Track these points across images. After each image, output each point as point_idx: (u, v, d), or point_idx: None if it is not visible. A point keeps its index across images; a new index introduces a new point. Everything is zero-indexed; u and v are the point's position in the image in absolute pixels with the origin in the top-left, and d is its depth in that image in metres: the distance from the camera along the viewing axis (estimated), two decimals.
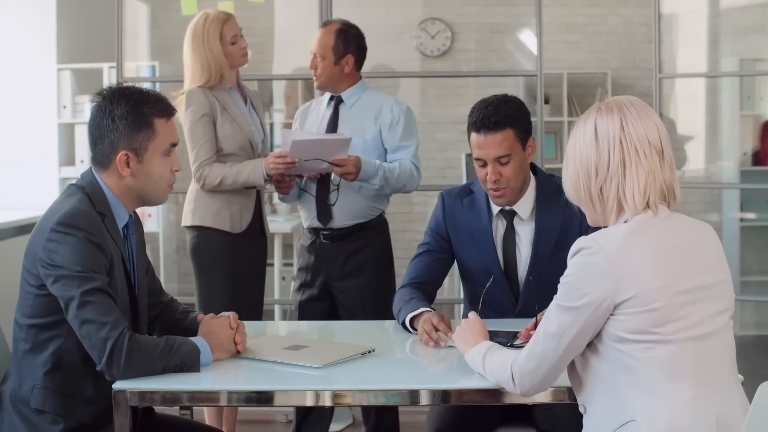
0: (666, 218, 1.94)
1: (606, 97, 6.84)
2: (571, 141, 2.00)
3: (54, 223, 2.22)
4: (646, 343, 1.86)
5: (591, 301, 1.87)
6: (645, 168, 1.92)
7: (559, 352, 1.93)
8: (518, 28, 7.25)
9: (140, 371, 2.17)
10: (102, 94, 2.35)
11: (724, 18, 7.00)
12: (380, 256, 3.66)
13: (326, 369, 2.28)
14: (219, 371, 2.28)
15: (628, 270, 1.86)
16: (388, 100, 3.68)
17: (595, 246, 1.88)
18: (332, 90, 3.68)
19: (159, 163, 2.35)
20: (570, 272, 1.92)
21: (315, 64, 3.64)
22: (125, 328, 2.17)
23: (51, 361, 2.27)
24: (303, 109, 3.84)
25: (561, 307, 1.92)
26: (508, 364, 2.03)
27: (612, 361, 1.90)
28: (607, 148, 1.93)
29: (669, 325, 1.86)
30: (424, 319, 2.58)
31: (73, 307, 2.17)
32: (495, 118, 2.77)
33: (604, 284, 1.86)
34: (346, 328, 2.98)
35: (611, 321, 1.88)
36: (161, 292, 2.59)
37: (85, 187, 2.33)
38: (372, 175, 3.51)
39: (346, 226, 3.61)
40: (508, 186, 2.80)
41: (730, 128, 6.72)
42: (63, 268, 2.19)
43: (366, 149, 3.58)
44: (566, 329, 1.91)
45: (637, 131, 1.92)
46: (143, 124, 2.32)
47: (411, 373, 2.40)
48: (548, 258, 2.82)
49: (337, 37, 3.61)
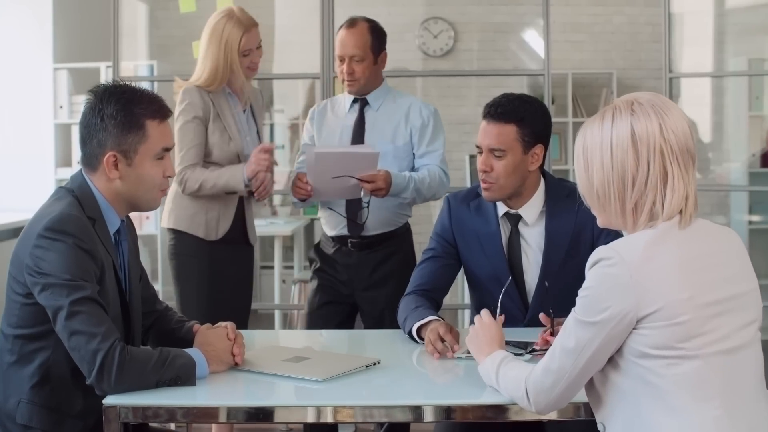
0: (688, 224, 1.82)
1: (612, 97, 6.78)
2: (594, 141, 1.84)
3: (42, 228, 2.12)
4: (670, 359, 1.75)
5: (612, 316, 1.76)
6: (684, 180, 1.79)
7: (577, 369, 1.82)
8: (522, 27, 7.20)
9: (132, 385, 2.06)
10: (95, 92, 2.25)
11: (730, 18, 6.92)
12: (407, 265, 3.43)
13: (329, 382, 2.17)
14: (216, 385, 2.17)
15: (651, 282, 1.74)
16: (415, 102, 3.53)
17: (616, 257, 1.76)
18: (366, 93, 3.49)
19: (150, 167, 2.24)
20: (589, 285, 1.80)
21: (351, 68, 3.41)
22: (116, 339, 2.07)
23: (38, 373, 2.17)
24: (318, 110, 3.60)
25: (580, 322, 1.80)
26: (522, 379, 1.92)
27: (634, 377, 1.78)
28: (646, 158, 1.78)
29: (695, 340, 1.74)
30: (430, 329, 2.48)
31: (62, 317, 2.06)
32: (502, 109, 2.69)
33: (627, 297, 1.74)
34: (351, 338, 2.85)
35: (634, 335, 1.77)
36: (156, 301, 2.48)
37: (74, 191, 2.23)
38: (403, 188, 3.34)
39: (375, 234, 3.47)
40: (496, 182, 2.71)
41: (738, 129, 6.62)
42: (51, 276, 2.09)
43: (397, 155, 3.44)
44: (585, 345, 1.79)
45: (677, 137, 1.79)
46: (133, 125, 2.21)
47: (417, 386, 2.29)
48: (559, 265, 2.73)
49: (373, 35, 3.45)
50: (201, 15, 4.99)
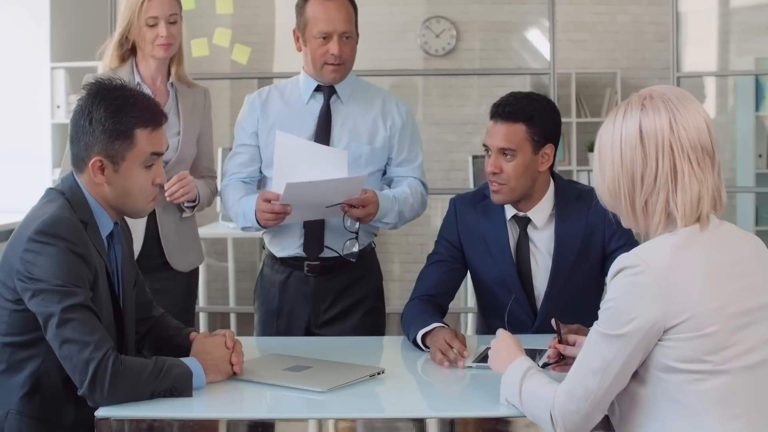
0: (714, 229, 1.73)
1: (616, 97, 6.71)
2: (606, 139, 1.76)
3: (32, 231, 2.03)
4: (697, 374, 1.65)
5: (639, 327, 1.66)
6: (698, 177, 1.70)
7: (604, 389, 1.71)
8: (525, 26, 7.13)
9: (126, 396, 1.98)
10: (88, 90, 2.14)
11: (735, 17, 6.86)
12: (375, 293, 2.96)
13: (331, 393, 2.08)
14: (213, 396, 2.08)
15: (679, 290, 1.65)
16: (389, 95, 2.97)
17: (642, 264, 1.66)
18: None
19: (138, 175, 2.14)
20: (613, 295, 1.70)
21: (341, 48, 2.79)
22: (110, 348, 1.98)
23: (28, 383, 2.07)
24: (261, 100, 2.89)
25: (604, 336, 1.70)
26: (548, 404, 1.79)
27: (658, 391, 1.69)
28: (654, 155, 1.70)
29: (722, 353, 1.65)
30: (437, 336, 2.39)
31: (53, 324, 1.97)
32: (511, 108, 2.60)
33: (654, 307, 1.65)
34: (354, 345, 2.73)
35: (659, 347, 1.68)
36: (152, 307, 2.39)
37: (66, 192, 2.13)
38: (387, 212, 2.80)
39: (337, 257, 2.85)
40: (507, 184, 2.62)
41: (744, 129, 6.55)
42: (42, 281, 1.99)
43: (371, 160, 2.89)
44: (611, 361, 1.69)
45: (688, 133, 1.70)
46: (121, 133, 2.10)
47: (423, 397, 2.21)
48: (570, 269, 2.64)
49: (354, 8, 2.86)
50: (200, 14, 4.94)
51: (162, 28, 2.87)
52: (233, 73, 6.16)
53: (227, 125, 6.38)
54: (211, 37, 4.50)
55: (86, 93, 2.14)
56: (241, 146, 2.93)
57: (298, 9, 2.87)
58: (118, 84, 2.16)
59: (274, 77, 6.93)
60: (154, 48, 2.91)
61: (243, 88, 7.06)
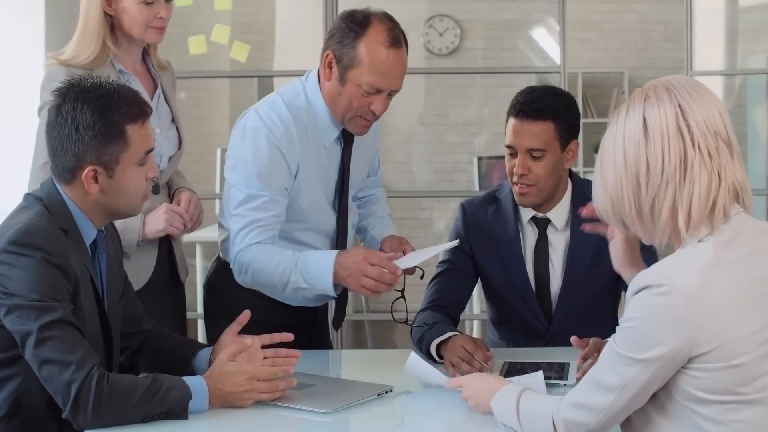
0: (745, 232, 1.55)
1: (623, 97, 6.60)
2: (608, 143, 1.60)
3: (5, 242, 1.86)
4: (729, 404, 1.50)
5: (662, 354, 1.50)
6: (708, 168, 1.52)
7: (617, 408, 1.56)
8: (530, 25, 7.04)
9: (114, 419, 1.81)
10: (63, 95, 1.93)
11: (743, 16, 6.76)
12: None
13: (336, 414, 1.93)
14: (210, 418, 1.90)
15: (708, 315, 1.49)
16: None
17: (669, 284, 1.49)
18: None
19: (132, 175, 1.97)
20: (634, 315, 1.53)
21: (385, 105, 2.40)
22: (94, 366, 1.81)
23: (8, 404, 1.92)
24: (288, 137, 2.38)
25: (623, 357, 1.54)
26: (548, 415, 1.65)
27: (686, 423, 1.53)
28: (660, 147, 1.53)
29: (756, 382, 1.50)
30: (455, 345, 2.23)
31: (30, 344, 1.81)
32: (537, 105, 2.45)
33: (680, 333, 1.49)
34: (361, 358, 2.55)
35: (684, 376, 1.52)
36: (143, 320, 2.21)
37: (43, 198, 1.96)
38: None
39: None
40: (536, 185, 2.48)
41: (756, 130, 6.43)
42: (17, 296, 1.83)
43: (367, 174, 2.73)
44: (628, 384, 1.53)
45: (697, 120, 1.53)
46: (113, 134, 1.93)
47: (433, 417, 2.04)
48: (583, 273, 2.51)
49: None
50: (198, 11, 4.81)
51: (161, 8, 2.47)
52: (233, 72, 6.02)
53: (227, 125, 6.27)
54: (209, 35, 4.36)
55: (61, 99, 1.93)
56: (269, 201, 2.37)
57: (344, 34, 2.35)
58: (95, 81, 1.96)
59: (274, 76, 6.83)
60: (146, 30, 2.48)
61: (243, 86, 6.96)
